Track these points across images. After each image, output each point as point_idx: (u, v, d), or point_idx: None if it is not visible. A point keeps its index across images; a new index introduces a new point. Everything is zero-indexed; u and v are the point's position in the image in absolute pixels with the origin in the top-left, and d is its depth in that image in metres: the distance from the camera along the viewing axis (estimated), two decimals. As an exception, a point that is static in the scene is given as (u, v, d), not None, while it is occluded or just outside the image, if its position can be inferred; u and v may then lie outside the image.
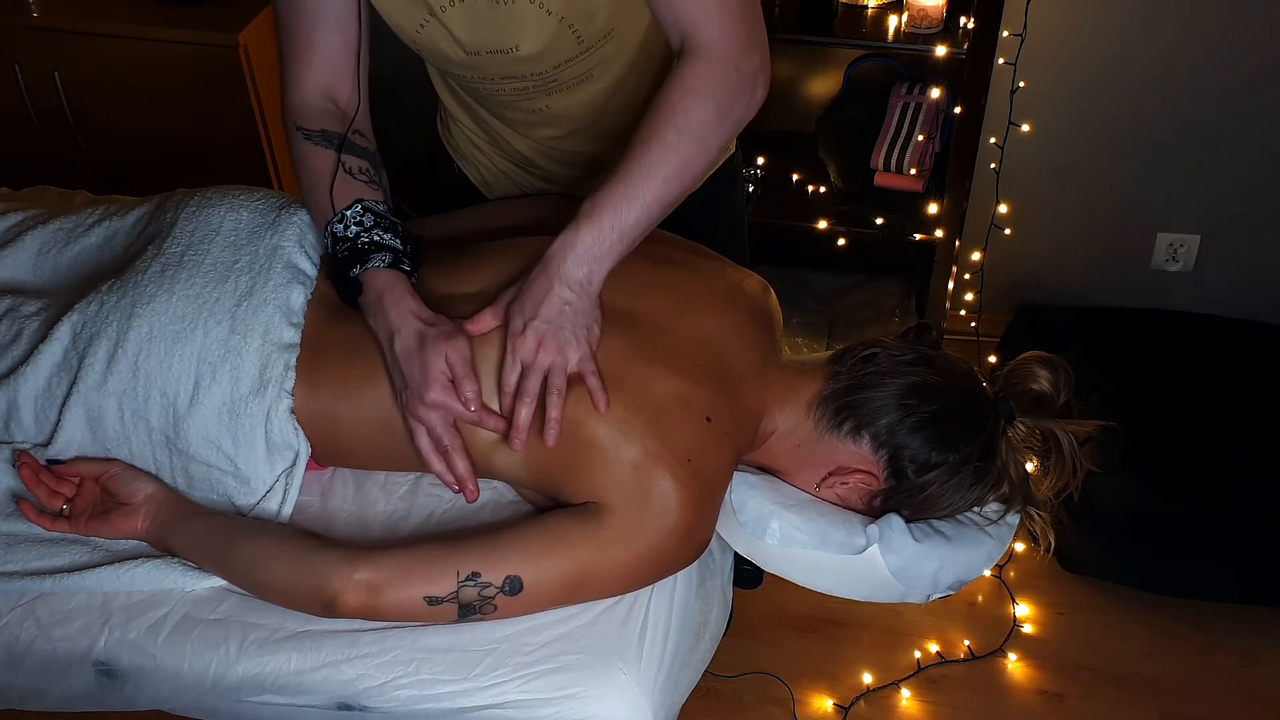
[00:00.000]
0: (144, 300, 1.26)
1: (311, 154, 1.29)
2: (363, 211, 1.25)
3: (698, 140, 1.20)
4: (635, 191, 1.18)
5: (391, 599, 1.15)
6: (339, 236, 1.24)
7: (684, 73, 1.21)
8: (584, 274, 1.17)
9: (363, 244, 1.23)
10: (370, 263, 1.22)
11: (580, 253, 1.17)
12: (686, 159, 1.20)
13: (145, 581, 1.23)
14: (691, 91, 1.20)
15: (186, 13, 2.32)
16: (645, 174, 1.18)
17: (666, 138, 1.19)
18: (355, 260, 1.22)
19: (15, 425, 1.30)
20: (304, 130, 1.30)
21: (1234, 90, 2.36)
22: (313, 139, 1.29)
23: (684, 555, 1.21)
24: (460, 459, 1.19)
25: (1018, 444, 1.29)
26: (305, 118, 1.30)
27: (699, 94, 1.20)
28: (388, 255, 1.23)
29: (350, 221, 1.24)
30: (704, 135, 1.21)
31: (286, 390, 1.24)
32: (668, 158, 1.19)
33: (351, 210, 1.25)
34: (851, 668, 2.16)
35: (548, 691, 1.16)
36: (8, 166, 2.28)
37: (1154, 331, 2.53)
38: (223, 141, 2.40)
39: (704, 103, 1.20)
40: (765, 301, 1.39)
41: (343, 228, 1.24)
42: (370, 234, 1.24)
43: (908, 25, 2.21)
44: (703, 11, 1.20)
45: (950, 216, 2.35)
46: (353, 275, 1.22)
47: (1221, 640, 2.19)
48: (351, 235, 1.24)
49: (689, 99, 1.20)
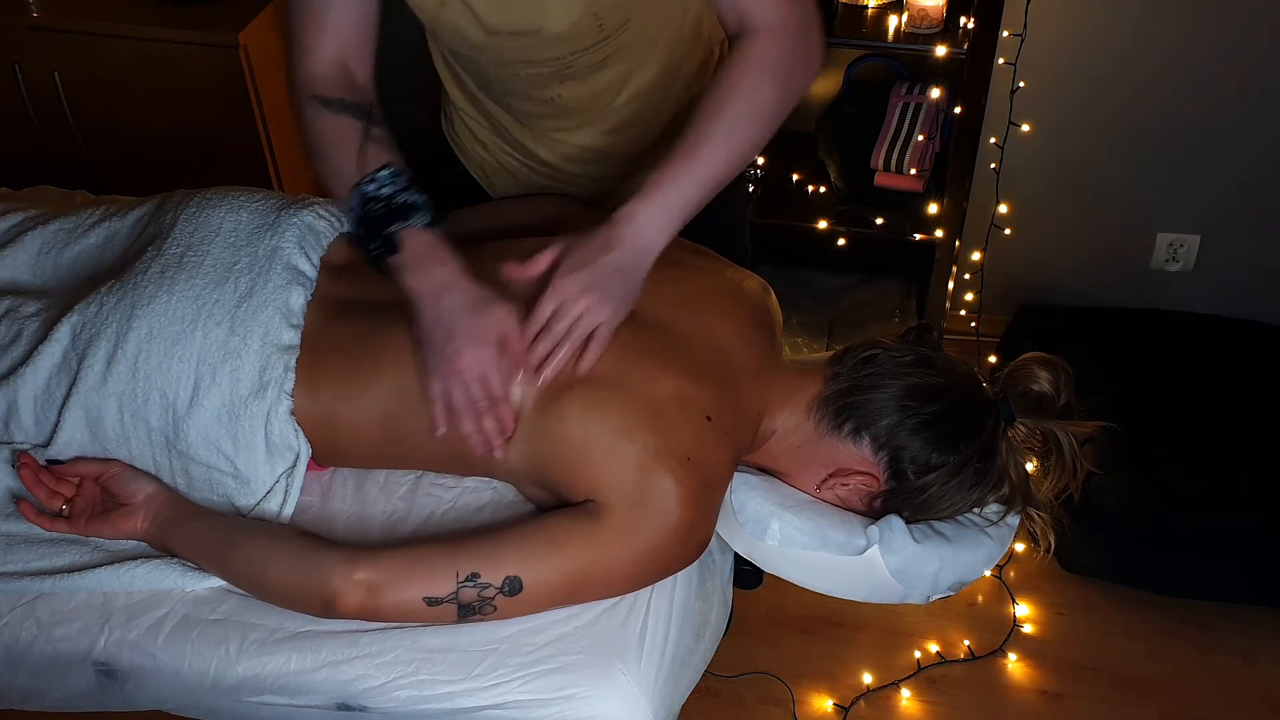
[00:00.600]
0: (144, 301, 1.26)
1: (332, 121, 1.27)
2: (394, 174, 1.24)
3: (758, 119, 1.25)
4: (699, 167, 1.22)
5: (391, 599, 1.15)
6: (370, 196, 1.22)
7: (745, 52, 1.24)
8: (644, 244, 1.20)
9: (398, 203, 1.22)
10: (411, 220, 1.21)
11: (643, 222, 1.20)
12: (748, 138, 1.25)
13: (145, 581, 1.23)
14: (754, 70, 1.24)
15: (186, 13, 2.32)
16: (709, 149, 1.22)
17: (729, 115, 1.23)
18: (392, 218, 1.21)
19: (15, 426, 1.30)
20: (322, 98, 1.28)
21: (1234, 90, 2.36)
22: (332, 107, 1.28)
23: (684, 555, 1.21)
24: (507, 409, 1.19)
25: (1018, 445, 1.29)
26: (323, 87, 1.29)
27: (761, 73, 1.24)
28: (425, 214, 1.22)
29: (383, 182, 1.23)
30: (764, 114, 1.25)
31: (286, 391, 1.24)
32: (730, 136, 1.23)
33: (384, 172, 1.23)
34: (851, 668, 2.16)
35: (548, 691, 1.16)
36: (8, 166, 2.28)
37: (1154, 331, 2.52)
38: (223, 141, 2.40)
39: (766, 82, 1.24)
40: (765, 302, 1.39)
41: (374, 188, 1.22)
42: (405, 194, 1.23)
43: (908, 25, 2.21)
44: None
45: (950, 216, 2.35)
46: (388, 233, 1.20)
47: (1221, 640, 2.19)
48: (385, 195, 1.22)
49: (751, 77, 1.24)
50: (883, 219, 2.41)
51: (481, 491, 1.31)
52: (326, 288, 1.31)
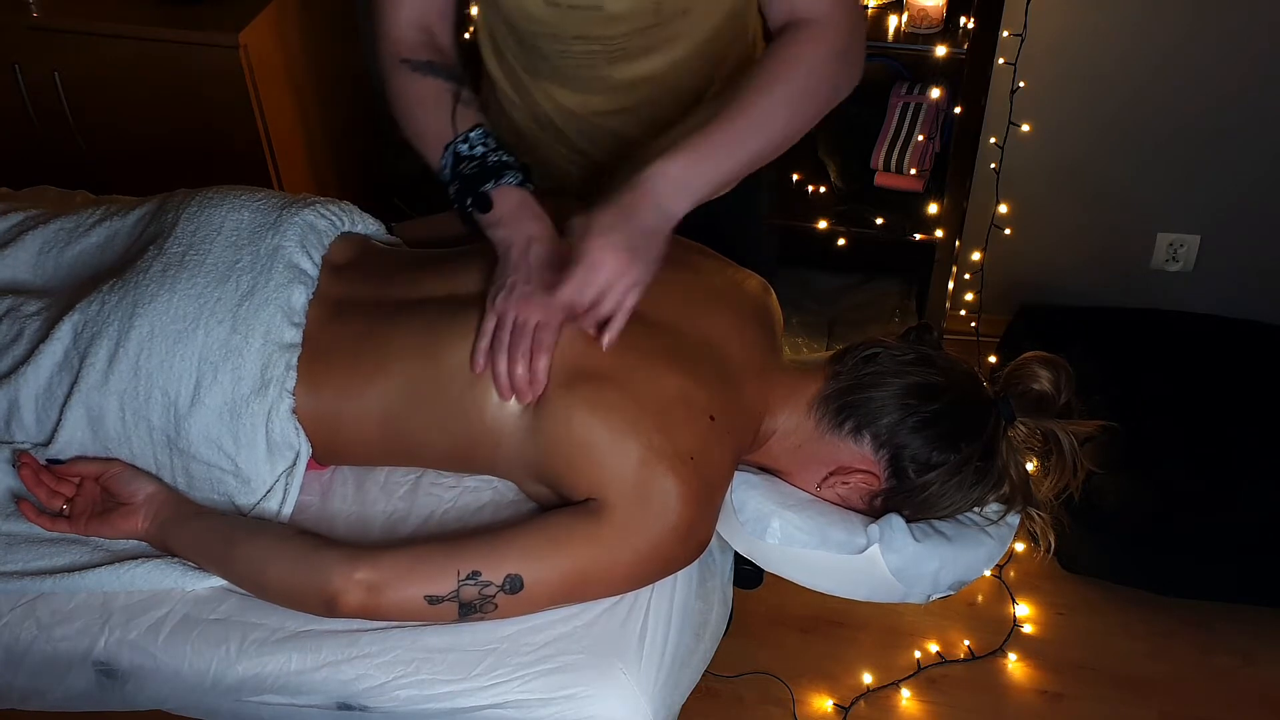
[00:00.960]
0: (145, 300, 1.26)
1: (421, 83, 1.31)
2: (485, 135, 1.28)
3: (802, 105, 1.25)
4: (736, 137, 1.21)
5: (392, 598, 1.16)
6: (463, 155, 1.26)
7: (795, 42, 1.25)
8: (670, 205, 1.18)
9: (493, 162, 1.26)
10: (504, 178, 1.25)
11: (673, 182, 1.18)
12: (789, 122, 1.24)
13: (145, 581, 1.23)
14: (801, 58, 1.25)
15: (186, 13, 2.31)
16: (750, 126, 1.22)
17: (775, 95, 1.23)
18: (487, 176, 1.25)
19: (16, 425, 1.30)
20: (411, 61, 1.32)
21: (1234, 90, 2.36)
22: (421, 70, 1.31)
23: (684, 554, 1.21)
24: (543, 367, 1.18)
25: (1018, 444, 1.29)
26: (409, 49, 1.32)
27: (808, 61, 1.25)
28: (518, 174, 1.26)
29: (475, 142, 1.27)
30: (807, 101, 1.25)
31: (288, 390, 1.24)
32: (775, 116, 1.23)
33: (475, 132, 1.27)
34: (851, 668, 2.16)
35: (548, 691, 1.16)
36: (8, 166, 2.28)
37: (1154, 331, 2.53)
38: (223, 141, 2.40)
39: (813, 71, 1.25)
40: (766, 301, 1.40)
41: (467, 147, 1.26)
42: (498, 154, 1.27)
43: (908, 25, 2.21)
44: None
45: (950, 216, 2.35)
46: (482, 191, 1.24)
47: (1221, 640, 2.19)
48: (479, 154, 1.26)
49: (798, 64, 1.24)
50: (883, 219, 2.41)
51: (482, 491, 1.31)
52: (328, 286, 1.32)
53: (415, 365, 1.24)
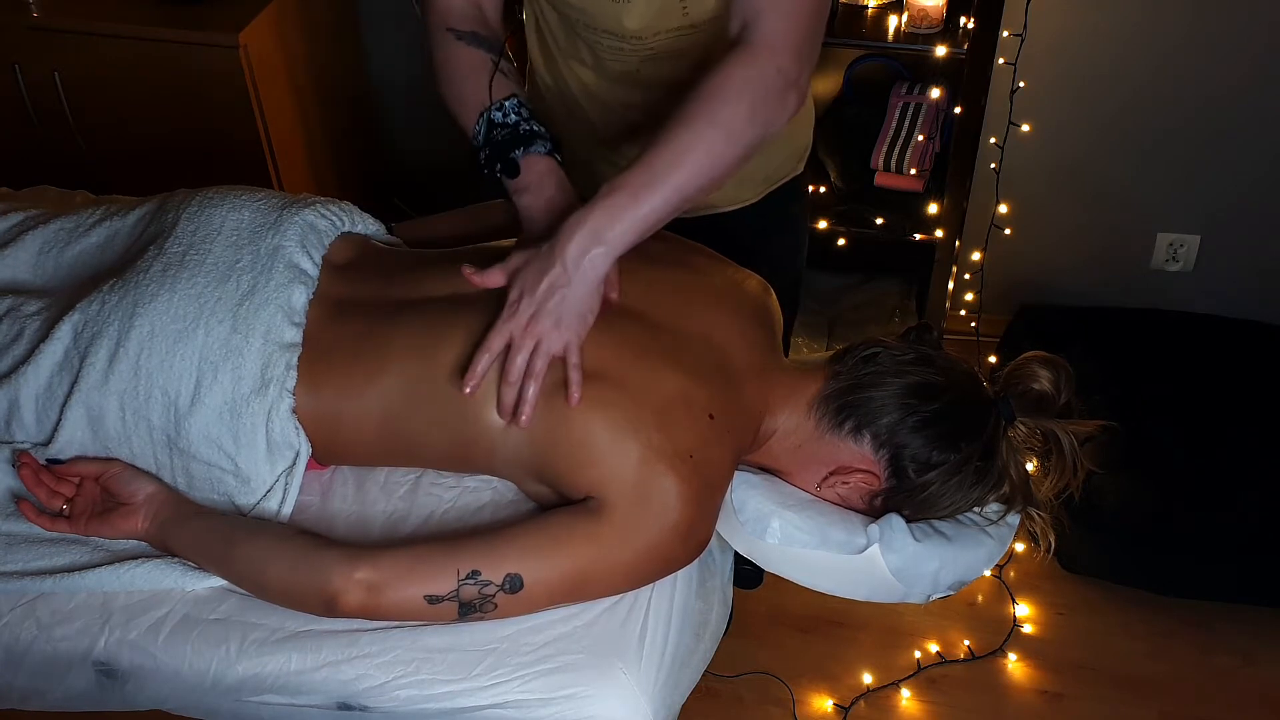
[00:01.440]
0: (146, 299, 1.26)
1: (464, 52, 1.33)
2: (519, 105, 1.30)
3: (726, 136, 1.19)
4: (656, 179, 1.16)
5: (392, 598, 1.15)
6: (497, 123, 1.28)
7: (728, 63, 1.21)
8: (587, 258, 1.15)
9: (524, 130, 1.28)
10: (534, 147, 1.27)
11: (585, 233, 1.15)
12: (715, 153, 1.18)
13: (145, 581, 1.23)
14: (731, 82, 1.20)
15: (186, 13, 2.32)
16: (669, 161, 1.17)
17: (696, 127, 1.18)
18: (517, 144, 1.27)
19: (16, 424, 1.30)
20: (455, 31, 1.34)
21: (1234, 90, 2.36)
22: (465, 39, 1.33)
23: (684, 553, 1.21)
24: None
25: (1018, 444, 1.29)
26: (455, 20, 1.34)
27: (738, 87, 1.20)
28: (547, 143, 1.29)
29: (510, 110, 1.29)
30: (733, 132, 1.19)
31: (288, 390, 1.24)
32: (694, 147, 1.18)
33: (510, 101, 1.30)
34: (851, 668, 2.16)
35: (548, 691, 1.16)
36: (8, 166, 2.28)
37: (1154, 331, 2.53)
38: (223, 141, 2.40)
39: (740, 97, 1.19)
40: (766, 301, 1.40)
41: (501, 115, 1.29)
42: (529, 123, 1.29)
43: (908, 25, 2.21)
44: (772, 3, 1.21)
45: (950, 216, 2.35)
46: (511, 157, 1.26)
47: (1221, 640, 2.19)
48: (512, 122, 1.28)
49: (727, 90, 1.19)
50: (883, 219, 2.41)
51: (482, 491, 1.31)
52: (328, 286, 1.32)
53: (415, 365, 1.24)
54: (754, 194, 1.58)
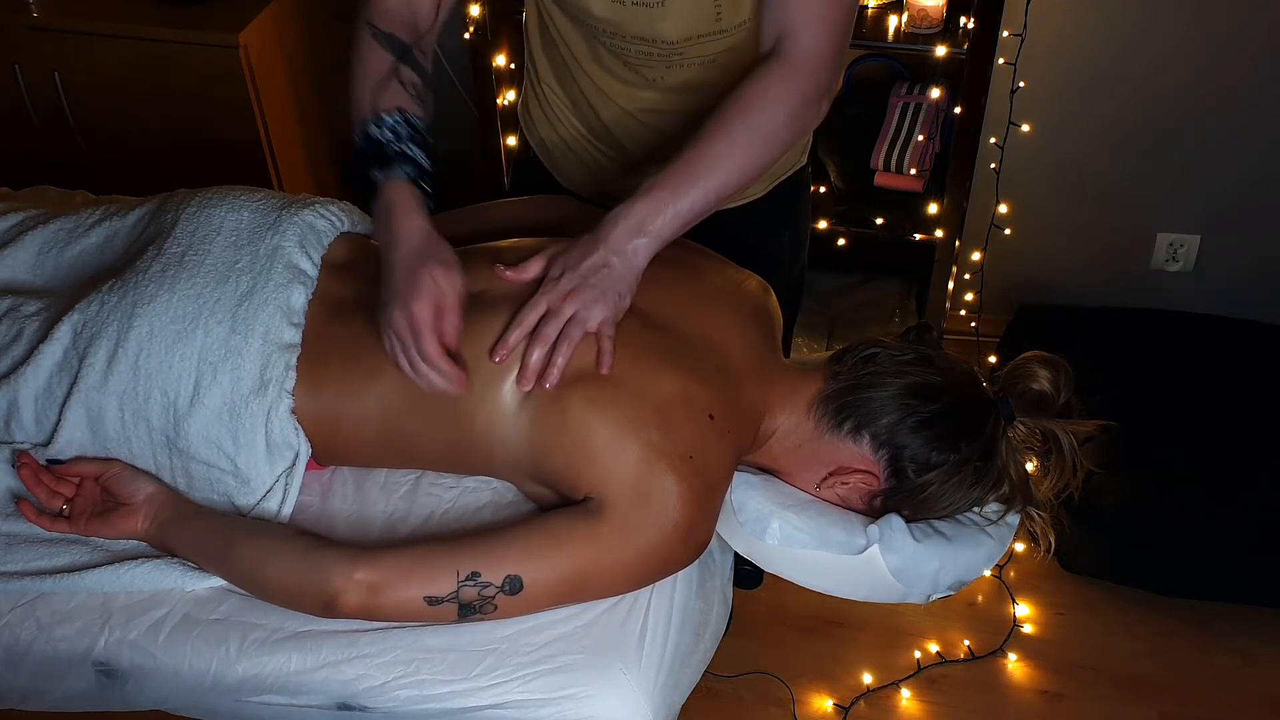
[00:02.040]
0: (145, 300, 1.26)
1: (370, 52, 1.29)
2: (402, 121, 1.24)
3: (765, 141, 1.25)
4: (696, 177, 1.22)
5: (391, 599, 1.15)
6: (371, 137, 1.23)
7: (767, 74, 1.25)
8: (630, 245, 1.20)
9: (392, 151, 1.23)
10: (393, 171, 1.21)
11: (631, 224, 1.20)
12: (752, 157, 1.25)
13: (145, 581, 1.23)
14: (771, 93, 1.25)
15: (186, 13, 2.31)
16: (710, 163, 1.22)
17: (736, 132, 1.23)
18: (378, 164, 1.21)
19: (16, 425, 1.30)
20: (373, 26, 1.30)
21: (1234, 90, 2.36)
22: (378, 39, 1.29)
23: (684, 554, 1.21)
24: (446, 367, 1.15)
25: (1018, 444, 1.29)
26: (379, 16, 1.30)
27: (778, 97, 1.25)
28: (411, 169, 1.22)
29: (387, 126, 1.24)
30: (771, 137, 1.25)
31: (287, 390, 1.24)
32: (734, 152, 1.23)
33: (392, 117, 1.24)
34: (851, 668, 2.16)
35: (548, 691, 1.16)
36: (8, 166, 2.27)
37: (1154, 331, 2.53)
38: (223, 141, 2.40)
39: (780, 106, 1.25)
40: (765, 302, 1.40)
41: (377, 129, 1.24)
42: (403, 144, 1.24)
43: (908, 25, 2.21)
44: (808, 20, 1.25)
45: (950, 216, 2.35)
46: (371, 177, 1.22)
47: (1221, 640, 2.19)
48: (384, 140, 1.23)
49: (766, 99, 1.25)
50: (883, 219, 2.41)
51: (481, 491, 1.31)
52: (327, 287, 1.32)
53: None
54: (761, 189, 1.59)
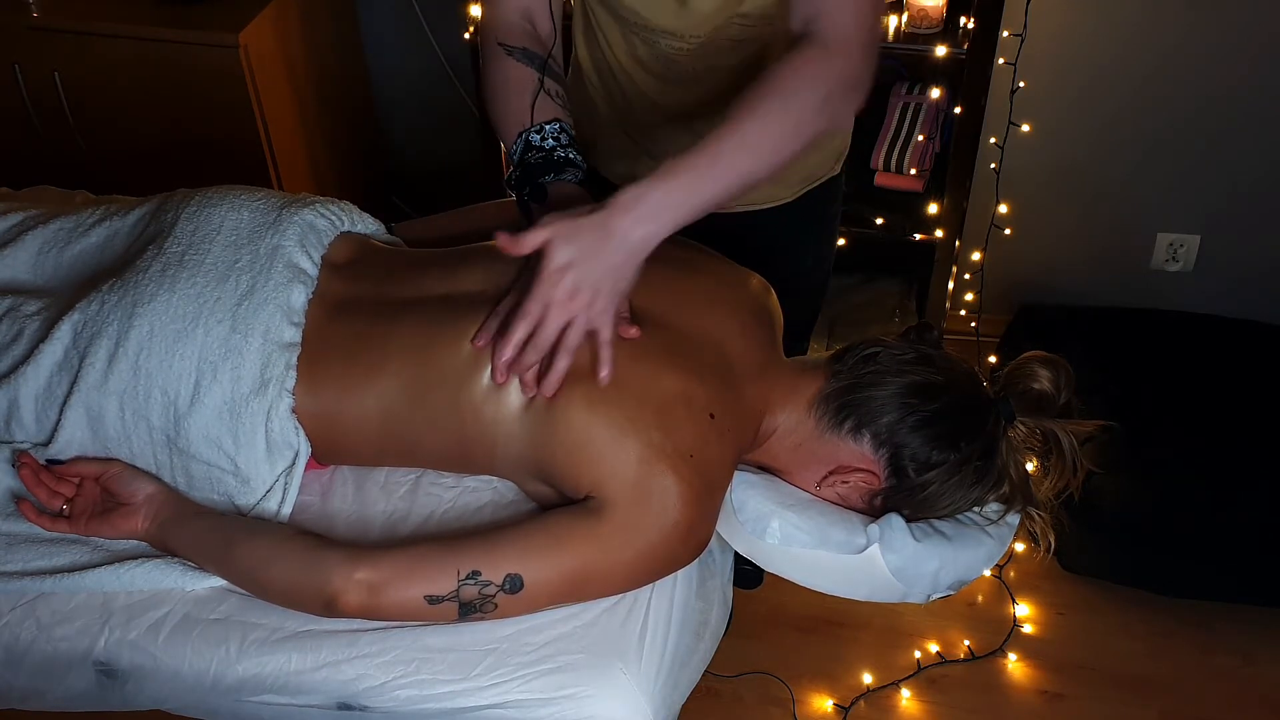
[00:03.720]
0: (145, 299, 1.26)
1: (513, 68, 1.33)
2: (560, 130, 1.30)
3: (795, 125, 1.19)
4: (721, 161, 1.15)
5: (392, 598, 1.15)
6: (534, 145, 1.28)
7: (799, 56, 1.20)
8: (641, 233, 1.13)
9: (559, 157, 1.28)
10: (564, 175, 1.28)
11: (642, 209, 1.13)
12: (780, 141, 1.18)
13: (145, 581, 1.23)
14: (803, 75, 1.19)
15: (186, 13, 2.32)
16: (736, 146, 1.16)
17: (766, 118, 1.17)
18: (549, 169, 1.28)
19: (16, 424, 1.30)
20: (506, 46, 1.34)
21: (1234, 90, 2.36)
22: (515, 55, 1.34)
23: (684, 553, 1.21)
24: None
25: (1018, 444, 1.29)
26: (507, 34, 1.35)
27: (810, 80, 1.19)
28: (579, 173, 1.29)
29: (549, 135, 1.29)
30: (801, 122, 1.19)
31: (287, 389, 1.24)
32: (763, 134, 1.17)
33: (551, 125, 1.30)
34: (851, 668, 2.16)
35: (548, 691, 1.16)
36: (8, 166, 2.28)
37: (1154, 331, 2.53)
38: (223, 141, 2.40)
39: (812, 89, 1.19)
40: (766, 301, 1.40)
41: (539, 138, 1.29)
42: (566, 150, 1.29)
43: (908, 25, 2.21)
44: (839, 4, 1.21)
45: (950, 216, 2.35)
46: (543, 182, 1.26)
47: (1221, 640, 2.19)
48: (549, 147, 1.29)
49: (798, 81, 1.19)
50: (883, 219, 2.41)
51: (482, 491, 1.31)
52: (328, 286, 1.32)
53: (414, 364, 1.24)
54: (790, 193, 1.58)
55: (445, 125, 2.73)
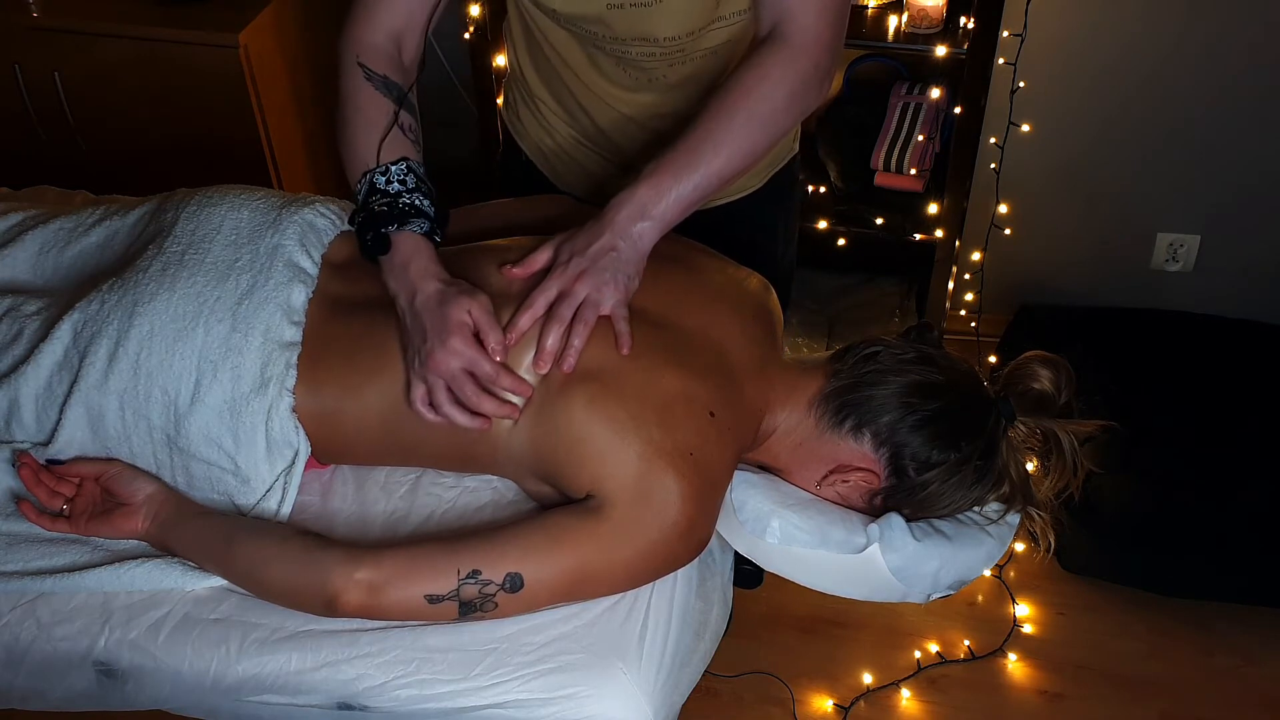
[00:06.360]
0: (145, 299, 1.26)
1: (368, 97, 1.30)
2: (407, 171, 1.27)
3: (765, 125, 1.25)
4: (698, 161, 1.22)
5: (392, 597, 1.16)
6: (378, 189, 1.25)
7: (766, 58, 1.26)
8: (636, 229, 1.21)
9: (403, 204, 1.24)
10: (408, 225, 1.23)
11: (635, 209, 1.21)
12: (751, 142, 1.25)
13: (145, 581, 1.23)
14: (770, 78, 1.25)
15: (186, 13, 2.31)
16: (711, 147, 1.23)
17: (736, 117, 1.24)
18: (392, 219, 1.23)
19: (16, 424, 1.30)
20: (366, 69, 1.31)
21: (1234, 90, 2.36)
22: (374, 82, 1.31)
23: (685, 552, 1.21)
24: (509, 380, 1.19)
25: (1018, 444, 1.29)
26: (370, 57, 1.32)
27: (776, 82, 1.25)
28: (425, 223, 1.24)
29: (394, 178, 1.26)
30: (771, 122, 1.26)
31: (288, 388, 1.24)
32: (734, 137, 1.23)
33: (397, 166, 1.26)
34: (851, 668, 2.16)
35: (548, 691, 1.16)
36: (8, 166, 2.28)
37: (1154, 331, 2.53)
38: (223, 141, 2.40)
39: (779, 90, 1.25)
40: (766, 300, 1.40)
41: (384, 181, 1.25)
42: (411, 196, 1.25)
43: (908, 25, 2.21)
44: (805, 3, 1.25)
45: (950, 216, 2.35)
46: (384, 231, 1.23)
47: (1221, 640, 2.19)
48: (393, 192, 1.25)
49: (766, 85, 1.25)
50: (883, 219, 2.42)
51: (482, 491, 1.31)
52: (328, 285, 1.32)
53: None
54: (760, 180, 1.59)
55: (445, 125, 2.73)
